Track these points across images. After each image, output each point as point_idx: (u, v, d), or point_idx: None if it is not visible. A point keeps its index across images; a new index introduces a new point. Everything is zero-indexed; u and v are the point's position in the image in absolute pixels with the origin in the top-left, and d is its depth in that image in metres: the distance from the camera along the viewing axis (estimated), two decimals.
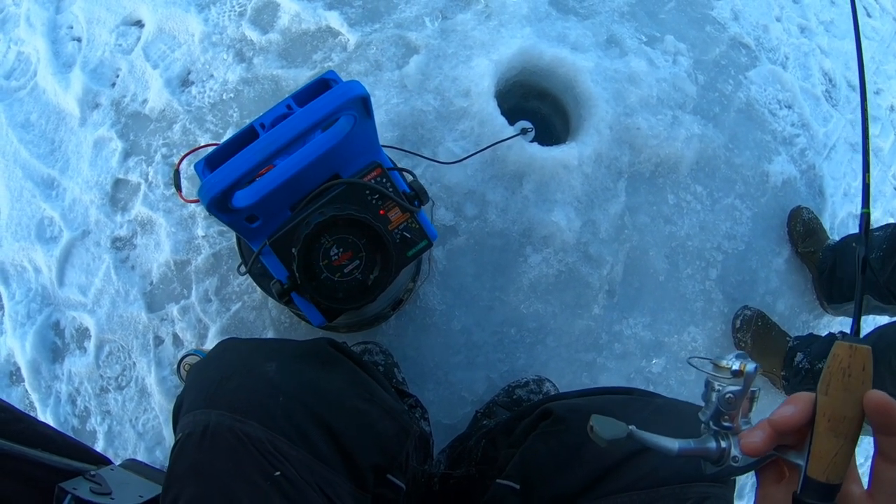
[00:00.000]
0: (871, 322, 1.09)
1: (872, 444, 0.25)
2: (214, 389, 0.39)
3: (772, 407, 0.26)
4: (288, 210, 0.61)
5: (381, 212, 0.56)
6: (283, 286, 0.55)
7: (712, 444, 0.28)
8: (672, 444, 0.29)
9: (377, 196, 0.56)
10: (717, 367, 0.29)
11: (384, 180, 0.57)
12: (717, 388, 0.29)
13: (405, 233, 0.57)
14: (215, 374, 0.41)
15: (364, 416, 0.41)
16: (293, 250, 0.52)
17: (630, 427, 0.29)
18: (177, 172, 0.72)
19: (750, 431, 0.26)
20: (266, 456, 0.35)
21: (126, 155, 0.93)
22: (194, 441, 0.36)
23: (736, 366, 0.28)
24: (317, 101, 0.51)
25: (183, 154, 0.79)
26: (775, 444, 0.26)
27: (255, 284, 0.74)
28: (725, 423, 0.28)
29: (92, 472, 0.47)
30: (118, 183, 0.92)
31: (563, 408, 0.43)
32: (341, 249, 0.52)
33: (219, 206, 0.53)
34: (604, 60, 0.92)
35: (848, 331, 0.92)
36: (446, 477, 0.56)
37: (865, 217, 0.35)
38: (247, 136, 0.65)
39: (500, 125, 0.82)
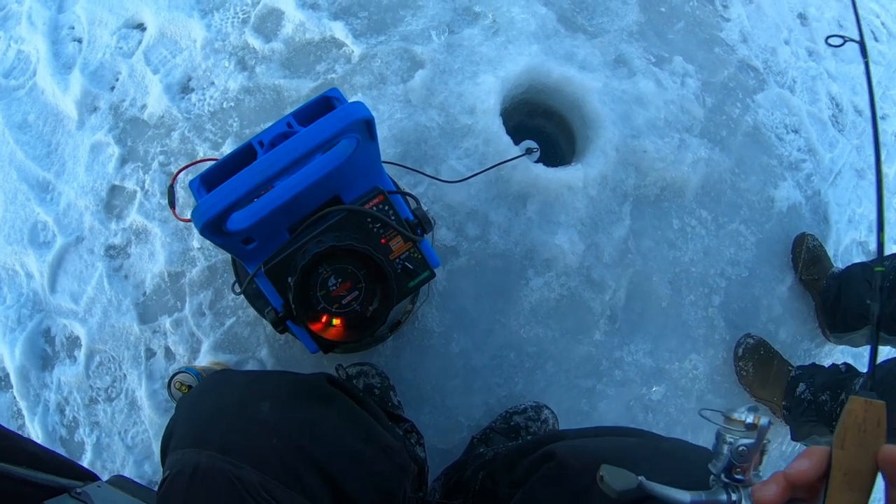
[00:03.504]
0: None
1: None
2: (205, 427, 0.36)
3: (772, 437, 0.24)
4: (286, 231, 0.57)
5: (383, 240, 0.53)
6: (278, 314, 0.51)
7: (723, 497, 0.28)
8: (684, 496, 0.28)
9: (379, 224, 0.52)
10: (728, 419, 0.29)
11: (386, 207, 0.54)
12: (728, 440, 0.28)
13: (407, 263, 0.53)
14: (207, 409, 0.38)
15: (361, 457, 0.38)
16: (289, 279, 0.49)
17: (640, 478, 0.28)
18: (171, 189, 0.68)
19: (764, 485, 0.26)
20: (259, 501, 0.33)
21: (123, 161, 0.89)
22: (183, 482, 0.33)
23: (749, 419, 0.28)
24: (319, 123, 0.47)
25: (178, 170, 0.75)
26: (788, 497, 0.26)
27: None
28: (737, 476, 0.28)
29: (78, 490, 0.45)
30: (114, 189, 0.88)
31: (568, 451, 0.40)
32: (340, 279, 0.49)
33: (213, 229, 0.49)
34: (612, 80, 0.88)
35: (851, 361, 0.89)
36: None
37: (879, 275, 0.33)
38: (244, 155, 0.61)
39: (505, 144, 0.78)
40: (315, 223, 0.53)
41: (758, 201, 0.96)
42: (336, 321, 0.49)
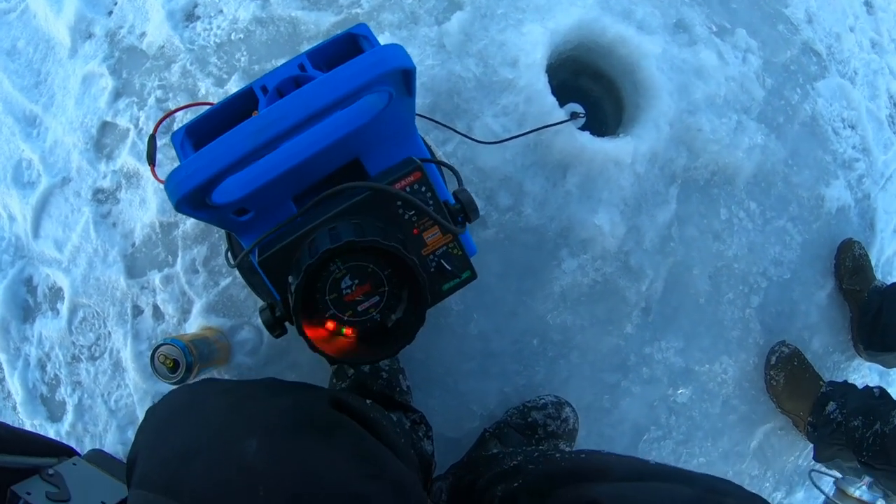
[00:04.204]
0: None
1: None
2: (174, 469, 0.27)
3: (789, 450, 0.16)
4: (290, 201, 0.44)
5: (415, 231, 0.40)
6: (275, 315, 0.39)
7: None
8: None
9: (413, 211, 0.40)
10: (843, 493, 0.28)
11: (423, 189, 0.40)
12: None
13: (443, 261, 0.41)
14: (177, 442, 0.29)
15: (369, 503, 0.29)
16: (289, 279, 0.36)
17: None
18: (151, 140, 0.54)
19: None
20: None
21: (117, 95, 0.75)
22: None
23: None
24: (343, 70, 0.34)
25: (162, 116, 0.61)
26: None
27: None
28: None
29: (50, 471, 0.38)
30: (105, 126, 0.75)
31: (615, 501, 0.31)
32: (356, 281, 0.36)
33: (193, 203, 0.36)
34: (671, 47, 0.75)
35: (878, 378, 0.79)
36: None
37: None
38: (243, 103, 0.46)
39: (549, 105, 0.66)
40: (327, 198, 0.39)
41: (808, 198, 0.84)
42: (347, 331, 0.37)
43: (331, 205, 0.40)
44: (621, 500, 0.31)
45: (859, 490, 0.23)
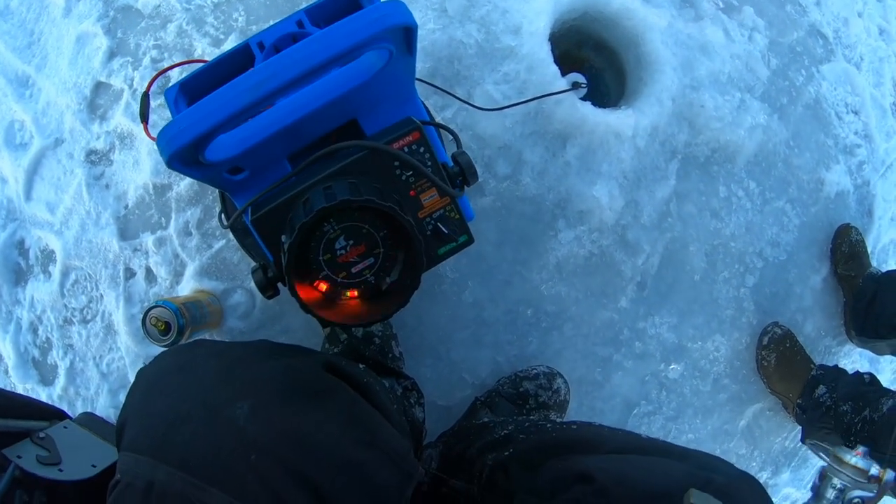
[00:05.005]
0: (889, 361, 0.97)
1: None
2: (163, 432, 0.27)
3: (777, 431, 0.16)
4: (286, 160, 0.42)
5: (412, 192, 0.39)
6: (267, 275, 0.38)
7: None
8: None
9: (410, 172, 0.38)
10: (840, 460, 0.25)
11: (422, 149, 0.39)
12: (838, 485, 0.24)
13: (440, 224, 0.40)
14: (166, 406, 0.28)
15: (361, 469, 0.29)
16: (283, 238, 0.35)
17: None
18: (145, 98, 0.53)
19: None
20: None
21: (111, 55, 0.73)
22: (134, 500, 0.26)
23: (874, 470, 0.24)
24: (341, 25, 0.33)
25: (155, 74, 0.59)
26: None
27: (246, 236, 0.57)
28: None
29: (41, 434, 0.38)
30: (99, 87, 0.73)
31: (608, 476, 0.30)
32: (351, 242, 0.35)
33: (185, 160, 0.35)
34: (677, 21, 0.73)
35: (868, 364, 0.79)
36: (439, 481, 0.42)
37: None
38: (239, 59, 0.45)
39: (551, 74, 0.64)
40: (323, 158, 0.38)
41: (808, 181, 0.83)
42: (351, 293, 0.36)
43: (327, 164, 0.39)
44: (612, 472, 0.31)
45: (857, 460, 0.24)
